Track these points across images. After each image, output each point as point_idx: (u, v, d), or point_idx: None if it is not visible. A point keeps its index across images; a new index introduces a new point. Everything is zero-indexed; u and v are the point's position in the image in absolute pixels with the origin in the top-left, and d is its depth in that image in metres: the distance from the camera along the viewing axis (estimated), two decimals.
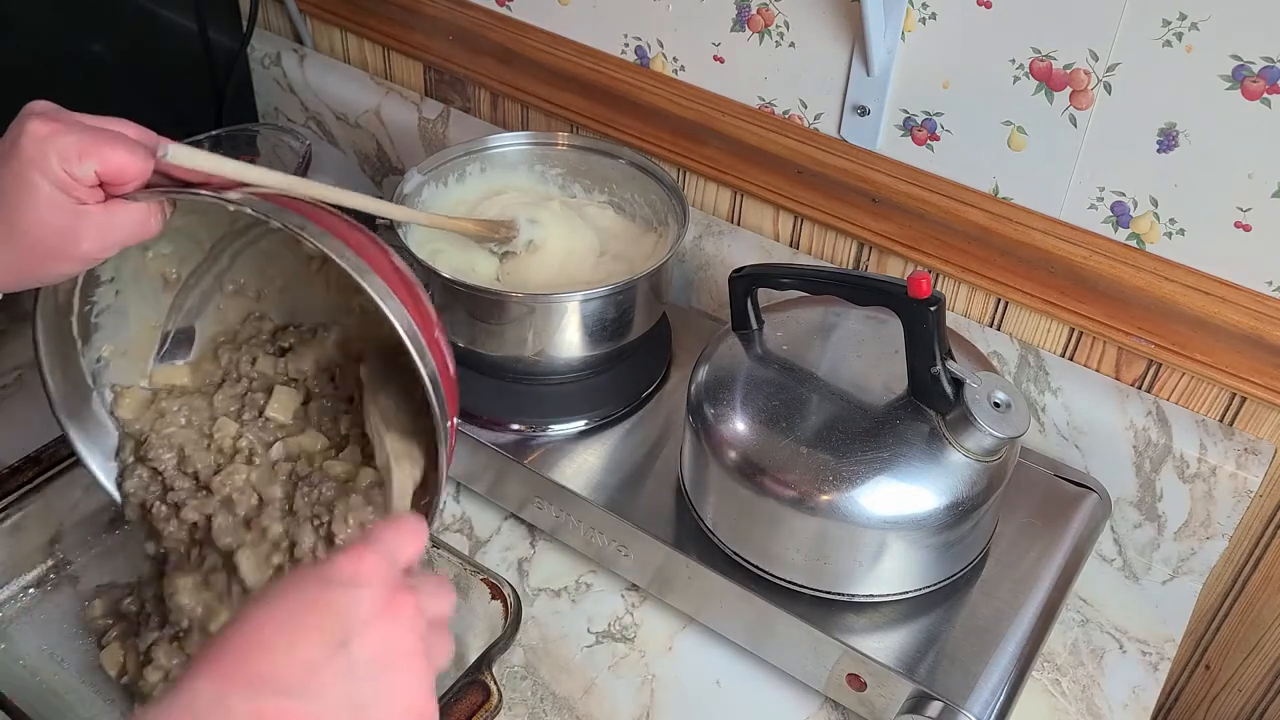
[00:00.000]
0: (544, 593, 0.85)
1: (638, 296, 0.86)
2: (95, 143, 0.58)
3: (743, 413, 0.74)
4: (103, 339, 0.75)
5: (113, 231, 0.60)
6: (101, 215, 0.59)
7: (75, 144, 0.58)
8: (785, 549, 0.73)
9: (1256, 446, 0.83)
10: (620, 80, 1.01)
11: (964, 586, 0.76)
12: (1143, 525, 0.89)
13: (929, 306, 0.68)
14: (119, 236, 0.61)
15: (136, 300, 0.75)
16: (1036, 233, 0.85)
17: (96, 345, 0.74)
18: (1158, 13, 0.73)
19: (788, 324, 0.80)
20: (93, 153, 0.58)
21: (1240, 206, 0.77)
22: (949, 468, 0.70)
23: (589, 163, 0.98)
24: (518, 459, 0.84)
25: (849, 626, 0.73)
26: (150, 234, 0.62)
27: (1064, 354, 0.89)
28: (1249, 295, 0.79)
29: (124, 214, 0.60)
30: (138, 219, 0.61)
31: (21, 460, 0.80)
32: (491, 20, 1.07)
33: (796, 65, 0.91)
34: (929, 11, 0.82)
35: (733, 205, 1.02)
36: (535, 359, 0.86)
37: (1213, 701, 1.03)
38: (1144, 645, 0.84)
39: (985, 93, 0.83)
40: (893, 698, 0.72)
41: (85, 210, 0.59)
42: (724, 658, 0.81)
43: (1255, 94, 0.72)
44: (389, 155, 1.21)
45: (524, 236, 0.90)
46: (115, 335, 0.75)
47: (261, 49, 1.24)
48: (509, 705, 0.77)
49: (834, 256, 0.98)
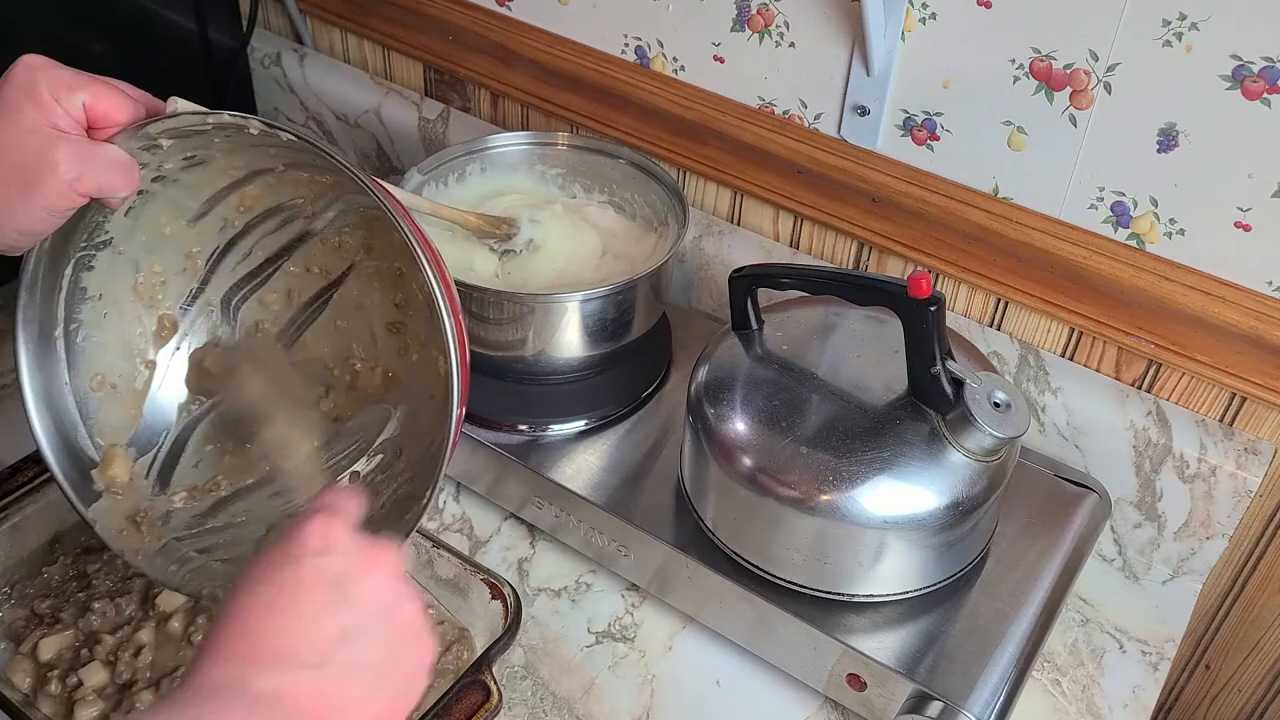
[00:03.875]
0: (544, 593, 0.85)
1: (638, 296, 0.86)
2: (89, 80, 0.58)
3: (743, 413, 0.74)
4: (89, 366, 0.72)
5: (92, 162, 0.59)
6: (82, 144, 0.58)
7: (68, 77, 0.57)
8: (785, 549, 0.73)
9: (1256, 446, 0.83)
10: (620, 80, 1.01)
11: (964, 586, 0.76)
12: (1143, 525, 0.89)
13: (929, 306, 0.68)
14: (98, 172, 0.59)
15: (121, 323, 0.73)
16: (1036, 233, 0.85)
17: (83, 372, 0.72)
18: (1158, 13, 0.73)
19: (788, 324, 0.80)
20: (85, 87, 0.58)
21: (1240, 206, 0.77)
22: (949, 468, 0.70)
23: (589, 163, 0.98)
24: (518, 459, 0.84)
25: (849, 626, 0.73)
26: (132, 184, 0.61)
27: (1064, 354, 0.89)
28: (1249, 295, 0.79)
29: (105, 150, 0.60)
30: (119, 160, 0.60)
31: (21, 460, 0.80)
32: (491, 20, 1.07)
33: (796, 65, 0.91)
34: (929, 11, 0.82)
35: (733, 205, 1.02)
36: (535, 359, 0.86)
37: (1213, 701, 1.03)
38: (1144, 645, 0.84)
39: (985, 93, 0.83)
40: (893, 698, 0.72)
41: (64, 136, 0.58)
42: (724, 658, 0.81)
43: (1255, 94, 0.72)
44: (389, 155, 1.21)
45: (524, 235, 0.90)
46: (99, 362, 0.72)
47: (261, 49, 1.24)
48: (509, 705, 0.77)
49: (834, 256, 0.98)
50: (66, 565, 0.79)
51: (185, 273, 0.74)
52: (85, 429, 0.72)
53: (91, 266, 0.69)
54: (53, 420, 0.70)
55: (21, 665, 0.73)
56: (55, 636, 0.73)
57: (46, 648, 0.73)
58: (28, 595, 0.77)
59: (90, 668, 0.72)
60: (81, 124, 0.59)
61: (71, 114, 0.58)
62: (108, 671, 0.72)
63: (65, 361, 0.71)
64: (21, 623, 0.76)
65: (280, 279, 0.77)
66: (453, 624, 0.77)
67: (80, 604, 0.76)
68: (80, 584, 0.77)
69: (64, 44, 1.03)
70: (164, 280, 0.74)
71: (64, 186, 0.58)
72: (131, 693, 0.71)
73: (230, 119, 0.61)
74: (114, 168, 0.60)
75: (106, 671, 0.72)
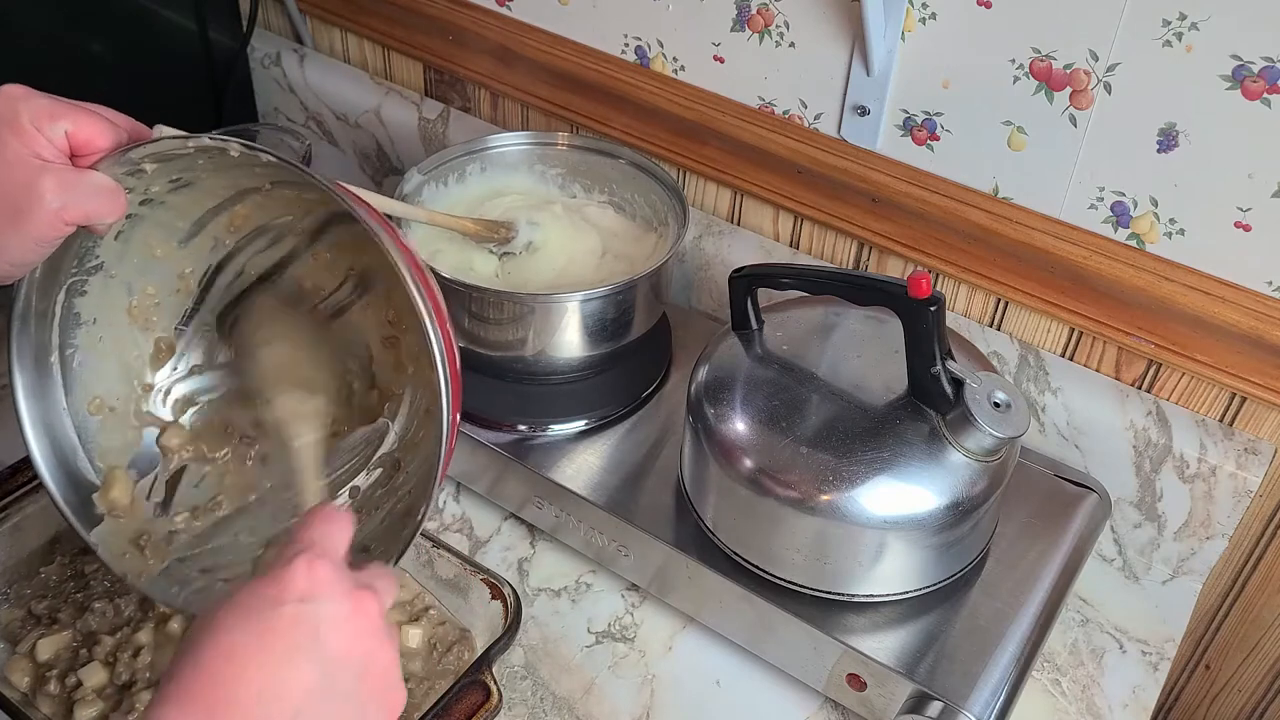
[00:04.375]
0: (544, 593, 0.85)
1: (638, 296, 0.86)
2: (70, 107, 0.58)
3: (743, 413, 0.74)
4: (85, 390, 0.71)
5: (77, 191, 0.58)
6: (67, 173, 0.58)
7: (48, 105, 0.57)
8: (785, 549, 0.73)
9: (1256, 446, 0.83)
10: (620, 80, 1.01)
11: (964, 586, 0.76)
12: (1143, 525, 0.89)
13: (929, 306, 0.68)
14: (84, 200, 0.59)
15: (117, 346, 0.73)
16: (1036, 233, 0.85)
17: (80, 396, 0.71)
18: (1158, 13, 0.73)
19: (788, 324, 0.80)
20: (66, 115, 0.57)
21: (1240, 206, 0.77)
22: (949, 468, 0.70)
23: (589, 163, 0.98)
24: (518, 459, 0.84)
25: (849, 626, 0.73)
26: (118, 210, 0.61)
27: (1064, 354, 0.89)
28: (1249, 295, 0.79)
29: (90, 178, 0.59)
30: (104, 186, 0.60)
31: (22, 460, 0.79)
32: (491, 20, 1.07)
33: (796, 65, 0.91)
34: (929, 11, 0.82)
35: (733, 205, 1.02)
36: (535, 359, 0.86)
37: (1213, 701, 1.03)
38: (1144, 645, 0.84)
39: (985, 93, 0.83)
40: (893, 698, 0.72)
41: (49, 166, 0.57)
42: (724, 658, 0.81)
43: (1255, 94, 0.72)
44: (389, 155, 1.21)
45: (523, 238, 0.90)
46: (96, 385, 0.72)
47: (261, 49, 1.24)
48: (509, 705, 0.77)
49: (834, 256, 0.98)
50: (64, 565, 0.79)
51: (179, 293, 0.74)
52: (85, 453, 0.71)
53: (84, 292, 0.69)
54: (51, 445, 0.70)
55: (19, 665, 0.73)
56: (53, 637, 0.73)
57: (44, 648, 0.73)
58: (24, 596, 0.77)
59: (90, 668, 0.72)
60: (65, 152, 0.58)
61: (54, 143, 0.57)
62: (107, 672, 0.72)
63: (62, 387, 0.70)
64: (18, 623, 0.75)
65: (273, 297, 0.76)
66: (454, 624, 0.77)
67: (78, 604, 0.76)
68: (78, 584, 0.77)
69: (64, 44, 1.04)
70: (158, 302, 0.73)
71: (51, 216, 0.58)
72: (131, 693, 0.71)
73: (210, 142, 0.60)
74: (100, 194, 0.60)
75: (106, 672, 0.72)
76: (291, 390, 0.71)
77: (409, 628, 0.76)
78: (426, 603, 0.78)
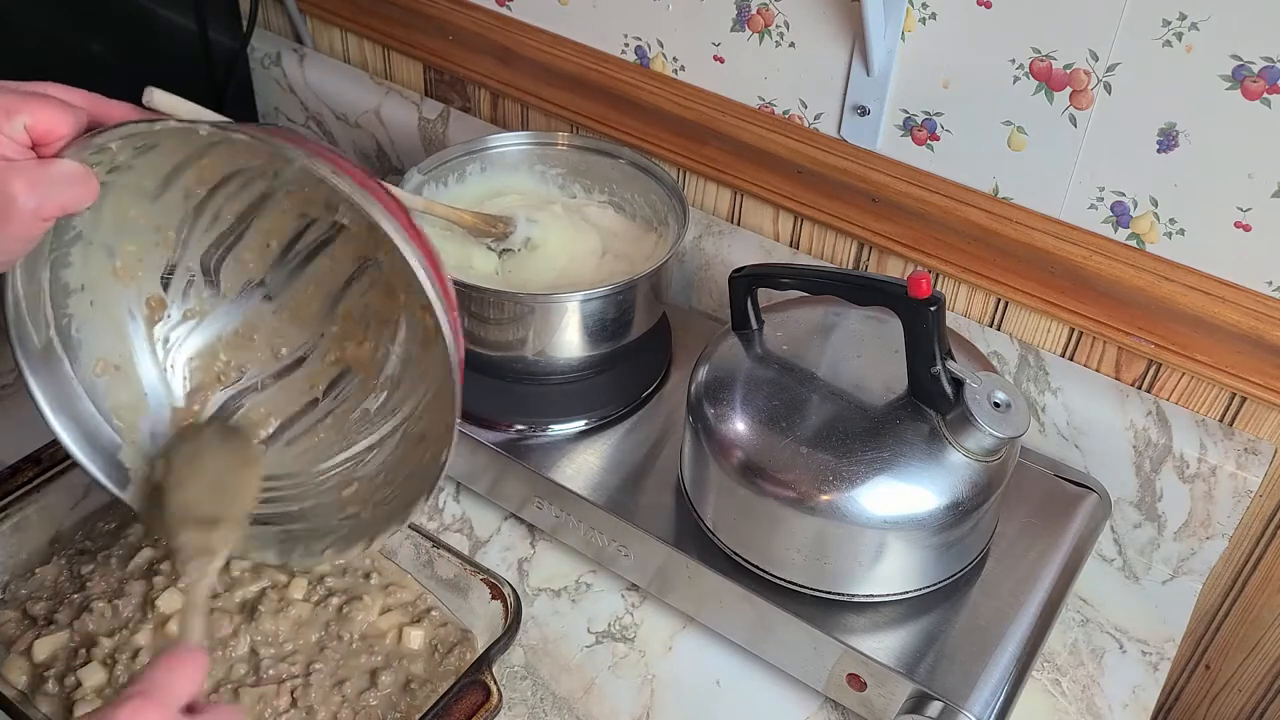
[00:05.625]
0: (544, 593, 0.85)
1: (638, 296, 0.86)
2: (24, 99, 0.57)
3: (743, 413, 0.74)
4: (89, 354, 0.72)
5: (49, 186, 0.58)
6: (35, 168, 0.58)
7: (2, 102, 0.57)
8: (785, 549, 0.73)
9: (1256, 446, 0.83)
10: (620, 80, 1.01)
11: (964, 586, 0.76)
12: (1143, 525, 0.89)
13: (929, 306, 0.68)
14: (57, 194, 0.58)
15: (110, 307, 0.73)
16: (1036, 233, 0.85)
17: (85, 362, 0.72)
18: (1158, 13, 0.73)
19: (788, 324, 0.80)
20: (22, 108, 0.57)
21: (1240, 206, 0.77)
22: (949, 468, 0.70)
23: (589, 163, 0.98)
24: (518, 459, 0.84)
25: (849, 626, 0.73)
26: (92, 194, 0.61)
27: (1064, 354, 0.89)
28: (1249, 295, 0.79)
29: (58, 168, 0.59)
30: (75, 175, 0.59)
31: (22, 460, 0.80)
32: (491, 20, 1.07)
33: (796, 65, 0.91)
34: (929, 11, 0.82)
35: (733, 205, 1.02)
36: (535, 359, 0.86)
37: (1213, 701, 1.03)
38: (1144, 645, 0.84)
39: (985, 93, 0.83)
40: (893, 698, 0.72)
41: (14, 165, 0.57)
42: (724, 658, 0.81)
43: (1255, 94, 0.72)
44: (389, 155, 1.21)
45: (521, 234, 0.90)
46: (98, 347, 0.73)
47: (261, 49, 1.24)
48: (509, 705, 0.77)
49: (834, 256, 0.98)
50: (61, 566, 0.79)
51: (159, 245, 0.74)
52: (101, 413, 0.73)
53: (68, 263, 0.70)
54: (72, 419, 0.71)
55: (16, 664, 0.73)
56: (50, 638, 0.73)
57: (41, 649, 0.73)
58: (20, 597, 0.77)
59: (89, 668, 0.72)
60: (27, 145, 0.58)
61: (16, 139, 0.57)
62: (106, 672, 0.72)
63: (66, 360, 0.71)
64: (13, 625, 0.75)
65: (253, 234, 0.77)
66: (455, 626, 0.77)
67: (76, 606, 0.76)
68: (75, 585, 0.77)
69: (64, 44, 1.04)
70: (140, 258, 0.74)
71: (28, 217, 0.57)
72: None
73: (177, 125, 0.61)
74: (73, 184, 0.59)
75: (105, 672, 0.72)
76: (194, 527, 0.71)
77: (411, 630, 0.76)
78: (428, 604, 0.78)
